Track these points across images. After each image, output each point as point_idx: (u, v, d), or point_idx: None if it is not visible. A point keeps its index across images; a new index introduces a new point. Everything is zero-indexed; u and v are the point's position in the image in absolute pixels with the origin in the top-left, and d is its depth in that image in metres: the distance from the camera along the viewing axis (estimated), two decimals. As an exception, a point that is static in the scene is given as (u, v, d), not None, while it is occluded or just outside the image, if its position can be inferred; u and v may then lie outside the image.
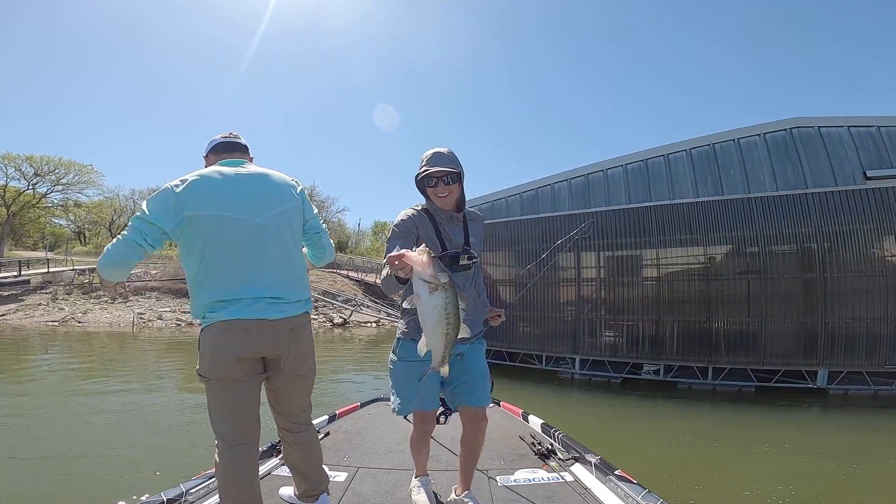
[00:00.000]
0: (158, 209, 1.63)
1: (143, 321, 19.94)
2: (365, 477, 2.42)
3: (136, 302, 22.08)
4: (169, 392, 9.28)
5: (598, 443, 3.39)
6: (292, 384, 1.87)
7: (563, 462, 2.59)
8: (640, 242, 10.03)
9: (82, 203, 41.61)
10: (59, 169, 39.59)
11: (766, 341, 9.00)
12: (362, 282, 27.92)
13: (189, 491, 2.04)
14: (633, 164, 10.34)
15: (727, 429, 7.43)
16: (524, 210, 11.63)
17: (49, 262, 27.25)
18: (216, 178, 1.73)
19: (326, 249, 2.09)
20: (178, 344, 15.77)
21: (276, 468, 2.47)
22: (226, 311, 1.67)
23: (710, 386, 9.40)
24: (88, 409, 7.43)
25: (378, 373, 11.98)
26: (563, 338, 10.84)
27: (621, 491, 2.11)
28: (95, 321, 19.95)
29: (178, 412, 7.49)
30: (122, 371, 11.11)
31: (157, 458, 5.33)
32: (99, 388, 9.07)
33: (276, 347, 1.75)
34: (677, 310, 9.63)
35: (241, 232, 1.70)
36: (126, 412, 7.38)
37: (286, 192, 1.86)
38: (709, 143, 9.72)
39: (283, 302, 1.75)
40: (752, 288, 9.10)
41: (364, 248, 43.81)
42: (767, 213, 9.05)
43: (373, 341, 19.16)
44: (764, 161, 9.28)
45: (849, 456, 5.91)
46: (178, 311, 20.81)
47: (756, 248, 9.11)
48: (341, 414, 3.58)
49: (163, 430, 6.50)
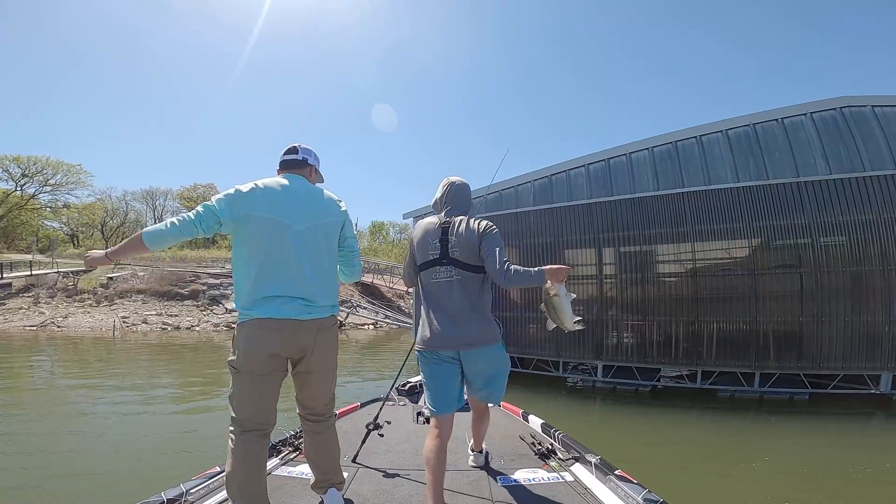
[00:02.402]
0: (224, 202, 1.82)
1: (127, 325, 18.40)
2: (365, 477, 2.39)
3: (122, 305, 20.53)
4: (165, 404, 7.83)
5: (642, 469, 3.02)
6: (316, 379, 1.96)
7: (563, 462, 2.55)
8: (672, 234, 8.68)
9: (72, 204, 39.87)
10: (48, 169, 38.00)
11: (821, 343, 7.68)
12: (359, 282, 26.44)
13: (189, 491, 2.00)
14: (660, 147, 9.01)
15: (777, 442, 6.25)
16: (536, 200, 10.26)
17: (32, 265, 25.53)
18: (273, 187, 1.91)
19: (355, 269, 2.17)
20: (165, 349, 14.27)
21: (277, 468, 2.42)
22: (262, 308, 1.79)
23: (755, 394, 8.08)
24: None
25: (375, 378, 10.63)
26: (582, 342, 9.49)
27: (621, 491, 2.06)
28: (76, 325, 18.39)
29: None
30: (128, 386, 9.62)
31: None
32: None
33: (303, 345, 1.86)
34: (717, 309, 8.29)
35: (285, 235, 1.85)
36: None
37: (330, 208, 2.02)
38: (749, 124, 8.40)
39: (313, 305, 1.87)
40: (804, 283, 7.78)
41: (362, 249, 42.23)
42: (820, 198, 7.74)
43: (370, 344, 17.74)
44: (813, 142, 7.97)
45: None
46: (165, 315, 19.30)
47: (808, 239, 7.80)
48: (341, 414, 3.47)
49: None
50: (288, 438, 2.71)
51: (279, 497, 2.09)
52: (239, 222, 1.83)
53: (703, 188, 8.39)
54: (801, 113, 8.18)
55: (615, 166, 9.37)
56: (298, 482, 2.24)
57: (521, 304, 10.41)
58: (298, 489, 2.17)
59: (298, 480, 2.26)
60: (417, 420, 3.36)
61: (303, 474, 2.28)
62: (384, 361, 13.72)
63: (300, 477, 2.28)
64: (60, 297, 22.26)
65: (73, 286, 22.77)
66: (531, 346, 10.21)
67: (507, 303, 10.68)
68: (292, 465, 2.46)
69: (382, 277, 27.12)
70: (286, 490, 2.17)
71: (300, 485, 2.20)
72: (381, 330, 20.67)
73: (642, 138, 9.19)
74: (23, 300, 21.49)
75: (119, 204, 44.67)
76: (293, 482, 2.25)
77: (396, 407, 3.82)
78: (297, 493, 2.14)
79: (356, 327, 20.84)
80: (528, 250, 10.28)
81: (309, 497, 2.06)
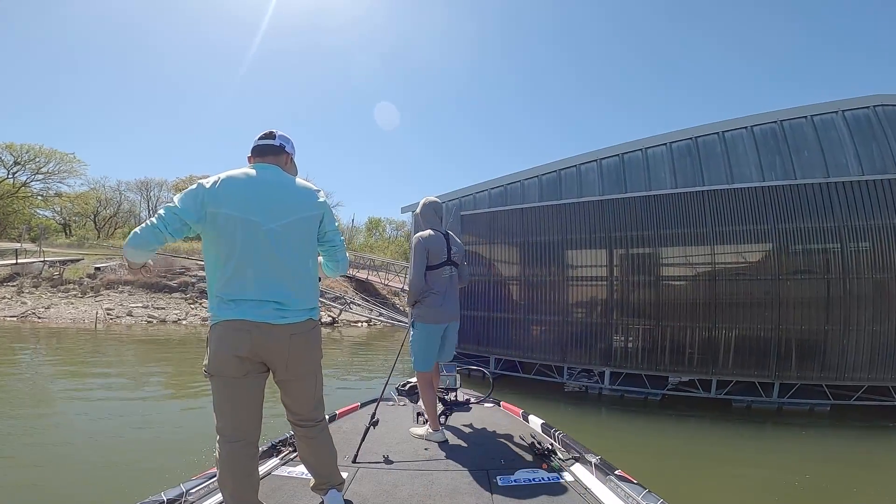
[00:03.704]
0: (186, 202, 1.67)
1: (111, 317, 17.52)
2: (365, 477, 2.32)
3: (107, 296, 19.61)
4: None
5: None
6: (297, 385, 1.86)
7: (563, 462, 2.49)
8: (691, 235, 8.04)
9: (63, 193, 38.72)
10: (40, 157, 36.83)
11: (846, 353, 7.08)
12: (354, 278, 25.62)
13: (189, 491, 1.95)
14: (679, 143, 8.36)
15: (800, 463, 5.63)
16: (544, 195, 9.59)
17: (18, 254, 24.50)
18: (241, 180, 1.75)
19: (340, 264, 2.04)
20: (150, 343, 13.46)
21: (277, 468, 2.37)
22: (231, 310, 1.68)
23: (774, 404, 7.47)
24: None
25: (368, 378, 9.93)
26: (590, 347, 8.83)
27: (621, 491, 2.03)
28: (57, 317, 17.46)
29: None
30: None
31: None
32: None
33: (274, 351, 1.74)
34: (736, 315, 7.66)
35: (254, 235, 1.69)
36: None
37: (306, 202, 1.84)
38: (775, 120, 7.77)
39: (287, 308, 1.74)
40: (831, 290, 7.17)
41: (358, 245, 41.17)
42: (850, 200, 7.14)
43: (364, 342, 17.00)
44: (845, 141, 7.36)
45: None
46: (151, 307, 18.42)
47: (836, 244, 7.19)
48: (341, 414, 3.41)
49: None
50: (288, 438, 2.61)
51: (279, 497, 2.05)
52: (206, 222, 1.68)
53: (725, 187, 7.75)
54: (831, 111, 7.56)
55: (629, 162, 8.71)
56: (298, 482, 2.19)
57: (523, 306, 9.76)
58: (298, 489, 2.12)
59: (298, 480, 2.21)
60: (417, 420, 3.25)
61: (303, 474, 2.21)
62: (379, 361, 13.00)
63: (300, 477, 2.23)
64: (45, 286, 21.32)
65: (58, 276, 21.84)
66: (533, 349, 9.55)
67: (508, 304, 10.02)
68: (292, 465, 2.40)
69: (378, 274, 26.34)
70: (286, 490, 2.13)
71: (300, 485, 2.15)
72: (374, 328, 19.93)
73: (660, 133, 8.54)
74: (6, 289, 20.52)
75: (113, 194, 43.39)
76: (293, 482, 2.21)
77: (396, 407, 3.70)
78: (297, 493, 2.09)
79: (350, 325, 20.07)
80: (533, 249, 9.62)
81: (309, 497, 2.01)
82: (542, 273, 9.52)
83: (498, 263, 10.38)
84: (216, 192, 1.68)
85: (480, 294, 10.24)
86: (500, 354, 9.86)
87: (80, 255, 25.74)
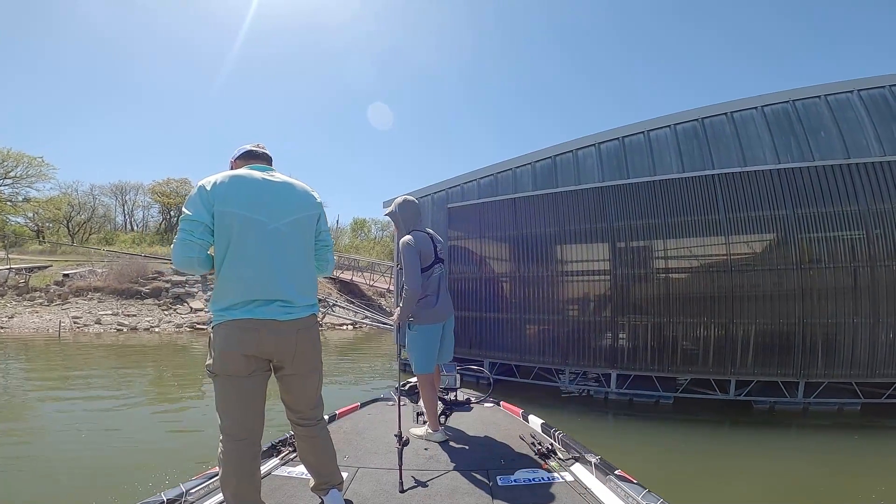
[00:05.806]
0: (196, 205, 1.65)
1: (79, 326, 16.07)
2: (365, 477, 2.29)
3: (75, 304, 18.09)
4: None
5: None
6: (299, 381, 1.84)
7: (563, 462, 2.44)
8: (700, 223, 7.24)
9: (33, 198, 36.50)
10: (8, 161, 34.61)
11: (878, 348, 6.36)
12: (338, 279, 24.47)
13: (189, 491, 1.92)
14: (684, 125, 7.56)
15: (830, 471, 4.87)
16: (538, 184, 8.70)
17: (-18, 261, 22.69)
18: (245, 179, 1.74)
19: (328, 263, 2.05)
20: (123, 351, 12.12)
21: (277, 468, 2.34)
22: (237, 310, 1.65)
23: (799, 405, 6.72)
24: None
25: (353, 384, 8.92)
26: (594, 348, 7.98)
27: (621, 491, 1.98)
28: (20, 326, 15.96)
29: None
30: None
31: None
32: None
33: (283, 347, 1.73)
34: (754, 309, 6.88)
35: (259, 233, 1.69)
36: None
37: (306, 202, 1.87)
38: (788, 100, 7.02)
39: (292, 305, 1.74)
40: (858, 279, 6.44)
41: (343, 246, 39.83)
42: (875, 183, 6.43)
43: (349, 347, 15.91)
44: (863, 122, 6.65)
45: None
46: (122, 314, 16.99)
47: (861, 231, 6.47)
48: (341, 414, 3.30)
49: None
50: (288, 438, 2.56)
51: (279, 497, 2.03)
52: (213, 220, 1.65)
53: (738, 170, 6.97)
54: (846, 90, 6.85)
55: (631, 145, 7.88)
56: (298, 482, 2.14)
57: (519, 305, 8.86)
58: (298, 489, 2.08)
59: (298, 480, 2.16)
60: (418, 420, 3.16)
61: (303, 474, 2.15)
62: (366, 367, 11.97)
63: (300, 477, 2.18)
64: (10, 294, 19.70)
65: (24, 283, 20.20)
66: (531, 351, 8.66)
67: (501, 304, 9.11)
68: (292, 465, 2.35)
69: (363, 275, 25.25)
70: (286, 490, 2.09)
71: (300, 485, 2.10)
72: (360, 331, 18.84)
73: (664, 114, 7.73)
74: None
75: (86, 198, 41.13)
76: (293, 482, 2.18)
77: (396, 406, 3.50)
78: (297, 494, 2.05)
79: (334, 328, 18.92)
80: (526, 241, 8.73)
81: (309, 497, 1.97)
82: (537, 269, 8.64)
83: (490, 259, 9.47)
84: (221, 190, 1.66)
85: (472, 293, 9.32)
86: (496, 358, 8.94)
87: (48, 262, 24.05)
